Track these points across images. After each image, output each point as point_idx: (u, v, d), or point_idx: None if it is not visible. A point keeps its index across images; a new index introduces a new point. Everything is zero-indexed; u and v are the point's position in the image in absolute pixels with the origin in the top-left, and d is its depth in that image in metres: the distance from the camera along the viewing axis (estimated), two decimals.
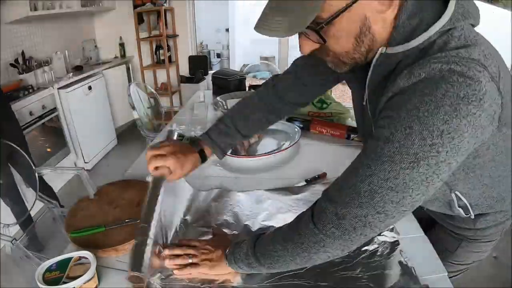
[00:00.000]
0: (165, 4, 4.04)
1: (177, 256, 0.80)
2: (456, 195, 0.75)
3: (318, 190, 1.09)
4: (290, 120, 1.70)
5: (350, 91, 0.85)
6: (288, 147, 1.41)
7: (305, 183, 1.14)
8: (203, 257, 0.79)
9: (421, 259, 0.83)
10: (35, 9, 2.77)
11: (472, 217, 0.80)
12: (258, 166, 1.31)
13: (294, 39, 0.63)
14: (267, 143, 1.52)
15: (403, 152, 0.50)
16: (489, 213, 0.82)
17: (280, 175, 1.24)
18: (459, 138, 0.49)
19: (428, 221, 0.96)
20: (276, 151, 1.39)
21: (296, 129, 1.54)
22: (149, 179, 1.23)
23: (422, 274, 0.79)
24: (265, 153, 1.37)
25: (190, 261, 0.79)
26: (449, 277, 0.78)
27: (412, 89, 0.51)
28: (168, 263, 0.80)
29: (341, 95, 5.75)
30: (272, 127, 1.60)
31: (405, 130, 0.50)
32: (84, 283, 0.74)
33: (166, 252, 0.81)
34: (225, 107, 1.86)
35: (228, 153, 1.37)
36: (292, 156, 1.39)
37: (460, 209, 0.79)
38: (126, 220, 0.96)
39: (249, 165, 1.33)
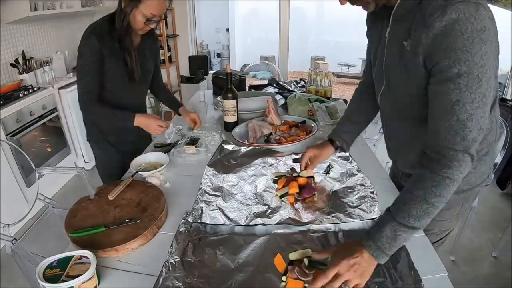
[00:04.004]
0: None
1: None
2: None
3: None
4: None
5: (349, 91, 0.88)
6: (294, 142, 1.43)
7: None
8: (357, 275, 0.75)
9: (421, 259, 0.83)
10: (35, 9, 2.76)
11: None
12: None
13: (293, 39, 0.63)
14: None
15: (471, 77, 0.72)
16: None
17: None
18: (490, 56, 0.72)
19: None
20: (280, 144, 1.43)
21: (312, 125, 1.59)
22: (150, 180, 1.23)
23: (422, 274, 0.79)
24: (267, 144, 1.43)
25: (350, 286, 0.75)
26: None
27: (454, 31, 0.71)
28: None
29: (342, 95, 5.76)
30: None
31: (464, 63, 0.72)
32: (83, 282, 0.74)
33: None
34: None
35: (237, 138, 1.51)
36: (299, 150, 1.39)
37: None
38: (126, 220, 0.96)
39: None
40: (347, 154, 1.34)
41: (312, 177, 1.15)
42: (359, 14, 1.10)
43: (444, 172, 0.76)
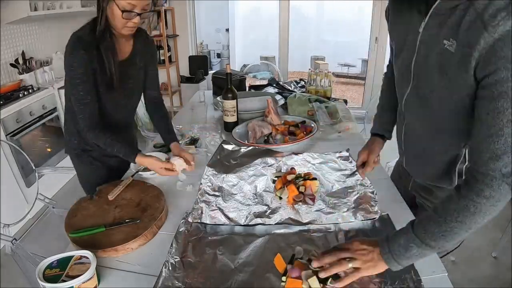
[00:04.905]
0: (165, 4, 4.04)
1: (332, 264, 0.75)
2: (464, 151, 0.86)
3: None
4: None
5: (349, 92, 0.88)
6: (294, 142, 1.44)
7: None
8: (363, 258, 0.74)
9: (421, 259, 0.83)
10: (35, 9, 2.76)
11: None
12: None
13: (293, 39, 0.63)
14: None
15: None
16: None
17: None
18: None
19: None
20: (280, 144, 1.44)
21: (312, 125, 1.60)
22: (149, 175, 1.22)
23: (422, 274, 0.79)
24: (267, 144, 1.44)
25: (350, 265, 0.74)
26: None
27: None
28: (324, 275, 0.74)
29: (342, 95, 5.75)
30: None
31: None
32: (83, 282, 0.74)
33: (315, 264, 0.75)
34: None
35: (237, 138, 1.51)
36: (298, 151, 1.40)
37: (456, 174, 0.90)
38: (126, 220, 0.96)
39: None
40: (347, 154, 1.34)
41: (315, 178, 1.15)
42: (359, 14, 1.10)
43: (472, 198, 0.68)
